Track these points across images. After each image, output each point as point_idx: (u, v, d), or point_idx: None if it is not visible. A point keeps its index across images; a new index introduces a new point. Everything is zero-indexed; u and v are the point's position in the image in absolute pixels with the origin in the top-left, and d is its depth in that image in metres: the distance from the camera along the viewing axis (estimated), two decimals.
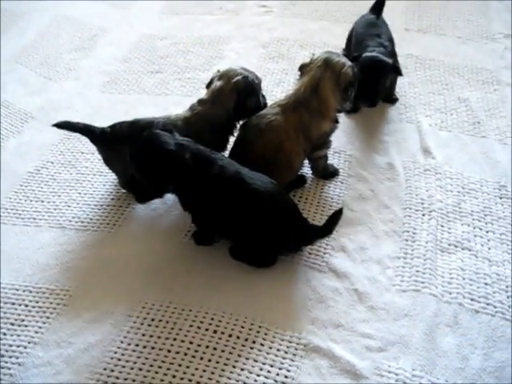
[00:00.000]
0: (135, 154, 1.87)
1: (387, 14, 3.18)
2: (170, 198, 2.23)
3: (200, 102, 2.16)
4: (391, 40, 2.67)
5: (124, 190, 2.29)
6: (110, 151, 2.19)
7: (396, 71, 2.49)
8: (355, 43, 2.66)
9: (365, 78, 2.34)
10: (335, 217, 1.93)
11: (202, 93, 2.65)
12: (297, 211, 1.95)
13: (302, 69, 2.16)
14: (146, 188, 1.91)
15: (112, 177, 2.34)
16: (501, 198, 2.22)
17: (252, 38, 3.28)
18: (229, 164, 1.94)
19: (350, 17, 3.33)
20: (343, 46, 3.11)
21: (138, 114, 2.25)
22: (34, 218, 2.24)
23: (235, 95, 2.13)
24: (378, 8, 2.81)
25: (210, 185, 1.89)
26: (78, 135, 2.40)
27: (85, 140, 2.33)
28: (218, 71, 2.22)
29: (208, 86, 2.20)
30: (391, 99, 2.72)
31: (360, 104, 2.48)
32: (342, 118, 2.26)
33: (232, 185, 1.89)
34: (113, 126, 2.16)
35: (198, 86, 2.89)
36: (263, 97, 2.25)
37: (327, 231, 1.94)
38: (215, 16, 3.54)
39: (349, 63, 2.14)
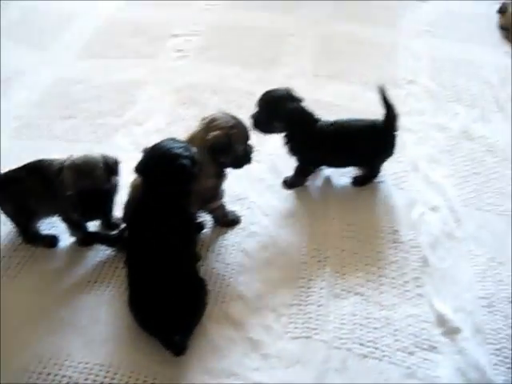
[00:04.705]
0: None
1: (297, 59, 3.32)
2: (69, 249, 2.24)
3: None
4: None
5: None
6: (2, 193, 2.22)
7: None
8: None
9: None
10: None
11: (113, 139, 2.72)
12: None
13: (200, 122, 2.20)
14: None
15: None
16: (394, 243, 2.30)
17: (166, 82, 3.32)
18: None
19: (262, 62, 3.45)
20: (253, 91, 3.19)
21: None
22: None
23: None
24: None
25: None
26: None
27: None
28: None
29: None
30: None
31: None
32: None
33: None
34: (6, 172, 2.22)
35: (110, 132, 2.92)
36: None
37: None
38: (132, 60, 3.57)
39: (231, 130, 2.13)
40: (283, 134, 2.43)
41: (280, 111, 2.34)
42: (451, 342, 1.98)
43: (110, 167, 2.05)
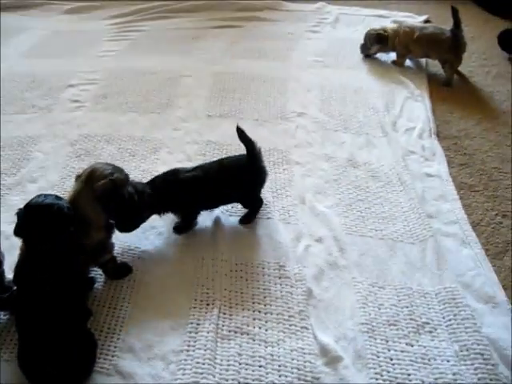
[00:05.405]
0: None
1: (191, 100, 3.42)
2: None
3: None
4: None
5: None
6: None
7: None
8: None
9: None
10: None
11: (7, 198, 2.73)
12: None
13: (76, 180, 2.25)
14: None
15: None
16: (280, 278, 2.40)
17: (61, 135, 3.35)
18: None
19: (158, 107, 3.53)
20: (148, 137, 3.27)
21: None
22: None
23: None
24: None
25: None
26: None
27: None
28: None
29: None
30: None
31: None
32: None
33: None
34: None
35: (4, 191, 2.92)
36: None
37: None
38: (27, 114, 3.58)
39: (113, 176, 2.21)
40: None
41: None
42: (333, 372, 2.07)
43: None
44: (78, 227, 2.12)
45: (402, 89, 3.81)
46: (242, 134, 2.49)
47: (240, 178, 2.54)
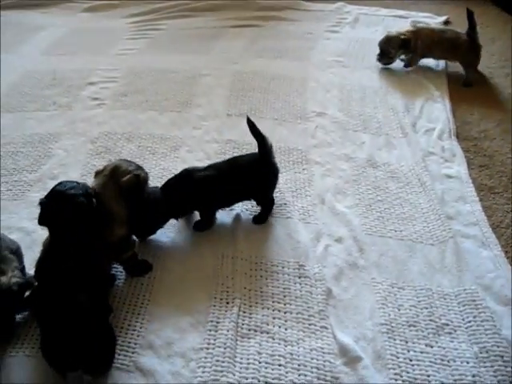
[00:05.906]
0: None
1: (211, 99, 3.43)
2: None
3: None
4: None
5: None
6: None
7: None
8: None
9: None
10: None
11: (28, 195, 2.76)
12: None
13: (96, 175, 2.27)
14: None
15: None
16: (299, 278, 2.40)
17: (82, 133, 3.37)
18: None
19: (177, 105, 3.54)
20: (168, 135, 3.28)
21: None
22: None
23: None
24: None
25: None
26: None
27: None
28: None
29: None
30: None
31: None
32: None
33: None
34: None
35: (25, 188, 2.94)
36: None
37: None
38: (48, 112, 3.60)
39: (137, 171, 2.27)
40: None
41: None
42: (352, 372, 2.06)
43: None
44: (102, 222, 2.13)
45: (421, 89, 3.81)
46: (253, 128, 2.53)
47: (252, 174, 2.56)
